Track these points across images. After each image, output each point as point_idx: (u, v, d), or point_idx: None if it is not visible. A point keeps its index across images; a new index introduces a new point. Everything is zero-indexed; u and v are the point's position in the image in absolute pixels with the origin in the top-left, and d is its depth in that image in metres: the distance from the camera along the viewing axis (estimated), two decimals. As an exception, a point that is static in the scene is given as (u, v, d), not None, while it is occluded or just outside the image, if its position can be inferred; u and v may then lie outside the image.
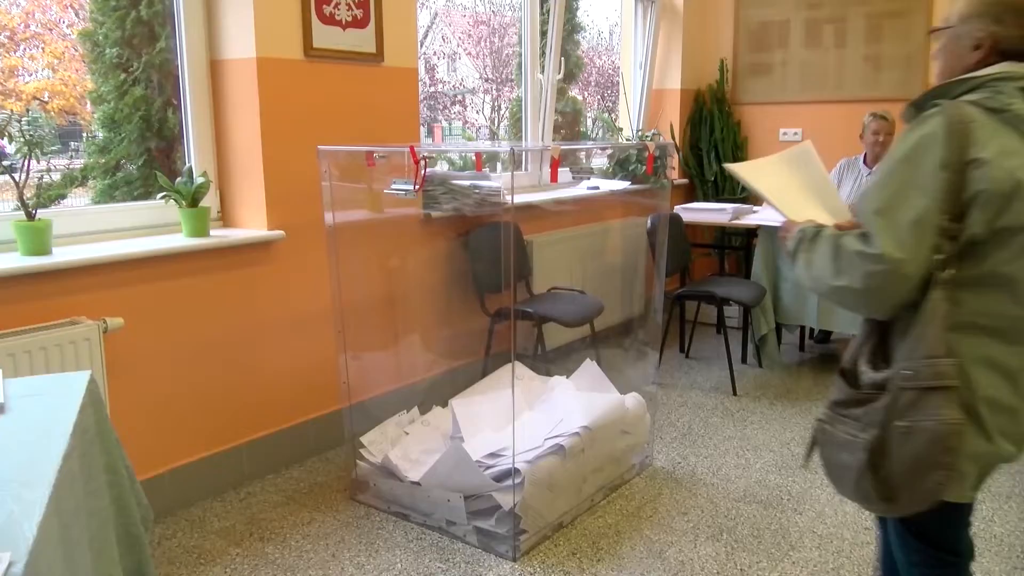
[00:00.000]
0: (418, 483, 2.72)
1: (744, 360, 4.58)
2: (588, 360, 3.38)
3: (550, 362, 4.02)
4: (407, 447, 2.93)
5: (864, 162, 4.54)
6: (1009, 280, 1.37)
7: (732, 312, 4.92)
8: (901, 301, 1.41)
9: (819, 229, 1.51)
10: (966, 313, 1.39)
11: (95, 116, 3.04)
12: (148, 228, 2.91)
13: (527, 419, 2.95)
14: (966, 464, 1.39)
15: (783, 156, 1.76)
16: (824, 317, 4.20)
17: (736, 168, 1.73)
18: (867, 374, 1.47)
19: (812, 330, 4.87)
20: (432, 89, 7.86)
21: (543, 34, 4.64)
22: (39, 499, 1.12)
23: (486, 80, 8.38)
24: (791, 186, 1.69)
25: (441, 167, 4.48)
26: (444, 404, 3.22)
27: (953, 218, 1.34)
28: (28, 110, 2.74)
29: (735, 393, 4.06)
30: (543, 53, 4.64)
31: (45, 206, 2.56)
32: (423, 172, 2.68)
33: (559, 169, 2.50)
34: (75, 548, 1.26)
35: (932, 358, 1.36)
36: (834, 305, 1.44)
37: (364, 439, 2.96)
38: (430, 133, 7.54)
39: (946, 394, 1.35)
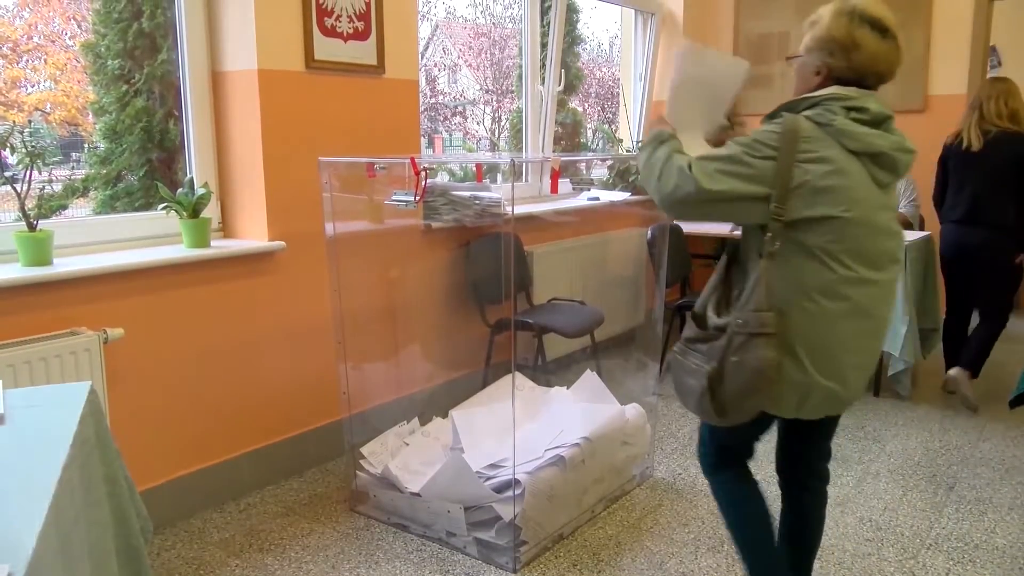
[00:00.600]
0: (418, 494, 2.71)
1: (745, 371, 4.57)
2: (588, 371, 3.38)
3: (550, 373, 4.02)
4: (407, 458, 2.92)
5: None
6: (820, 252, 1.74)
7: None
8: (678, 212, 1.83)
9: (671, 137, 1.87)
10: (790, 276, 1.75)
11: (96, 127, 3.05)
12: (149, 239, 2.91)
13: (527, 430, 2.94)
14: (786, 390, 1.78)
15: (728, 59, 2.06)
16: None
17: (693, 48, 2.02)
18: (712, 319, 1.86)
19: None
20: (433, 100, 7.90)
21: (543, 46, 4.66)
22: (38, 510, 1.12)
23: (486, 92, 8.42)
24: (700, 95, 2.00)
25: (442, 178, 4.49)
26: (444, 415, 3.22)
27: (780, 204, 1.71)
28: (30, 121, 2.75)
29: (736, 404, 4.05)
30: (543, 65, 4.66)
31: (46, 217, 2.57)
32: (423, 183, 2.68)
33: (559, 180, 2.51)
34: (74, 559, 1.25)
35: (758, 311, 1.74)
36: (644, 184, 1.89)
37: (364, 450, 2.96)
38: (431, 144, 7.56)
39: (767, 339, 1.74)
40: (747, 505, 2.03)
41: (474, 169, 4.04)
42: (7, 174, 2.51)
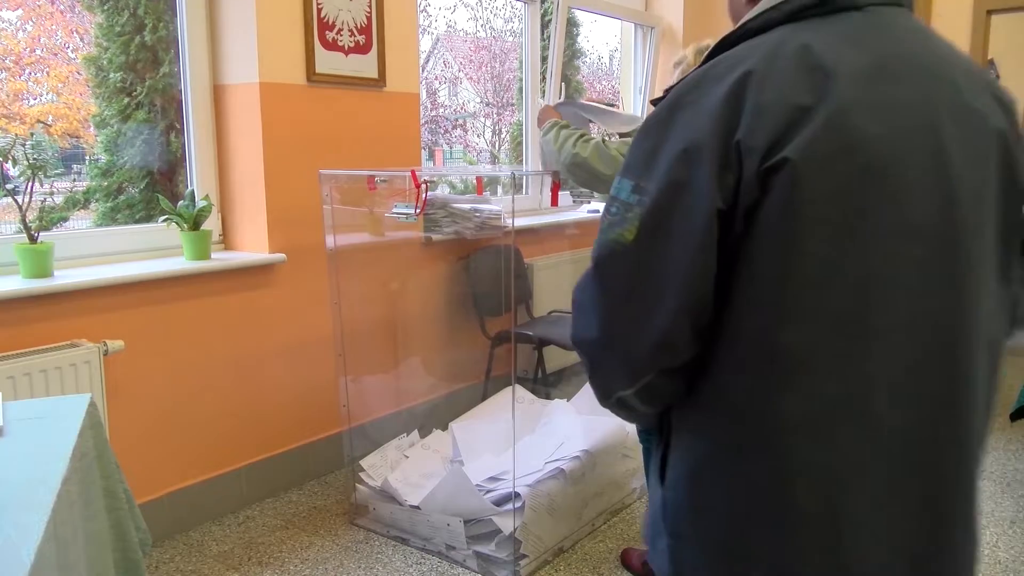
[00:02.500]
0: (418, 507, 2.70)
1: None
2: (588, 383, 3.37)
3: (550, 385, 4.01)
4: (407, 471, 2.92)
5: None
6: None
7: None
8: (580, 175, 2.28)
9: (567, 124, 2.37)
10: None
11: (98, 139, 3.06)
12: (149, 251, 2.92)
13: (527, 443, 2.94)
14: None
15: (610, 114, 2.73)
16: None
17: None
18: None
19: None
20: (433, 113, 7.91)
21: (544, 59, 4.67)
22: (37, 523, 1.11)
23: (487, 104, 8.44)
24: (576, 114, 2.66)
25: (442, 191, 4.50)
26: (444, 427, 3.21)
27: None
28: (32, 133, 2.76)
29: (736, 417, 4.05)
30: (544, 78, 4.68)
31: (47, 229, 2.57)
32: (424, 196, 2.69)
33: (559, 193, 2.55)
34: (72, 573, 1.25)
35: None
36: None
37: (364, 463, 2.95)
38: (431, 157, 7.57)
39: None
40: None
41: (474, 182, 4.05)
42: (9, 186, 2.52)
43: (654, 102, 1.07)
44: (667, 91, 1.05)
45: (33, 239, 2.49)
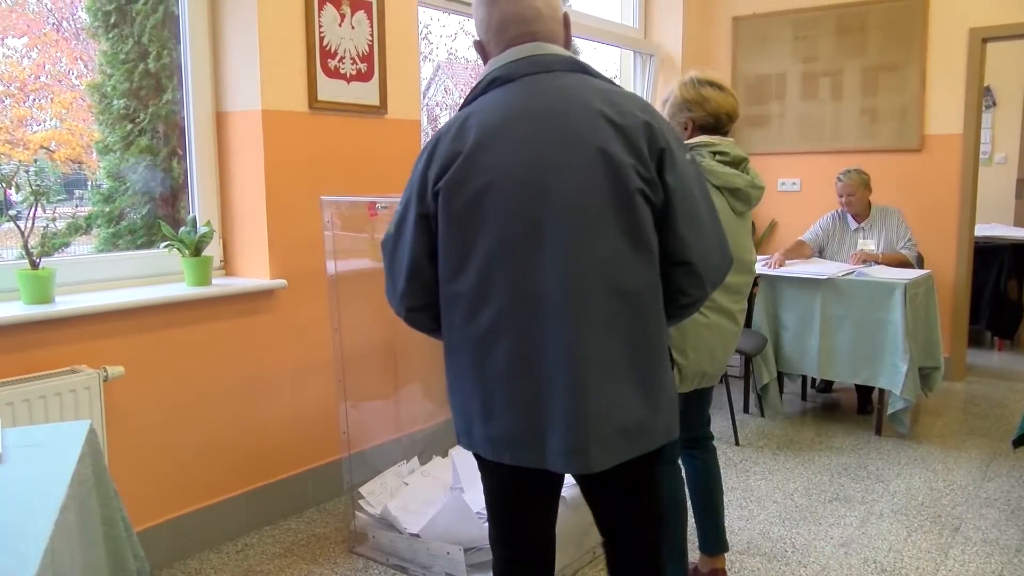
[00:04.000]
0: (417, 535, 2.68)
1: (746, 410, 4.55)
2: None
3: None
4: (407, 498, 2.90)
5: (852, 216, 4.57)
6: None
7: (733, 361, 4.91)
8: None
9: None
10: None
11: (101, 165, 3.08)
12: (150, 277, 2.92)
13: (528, 469, 2.91)
14: (677, 373, 2.23)
15: None
16: (825, 366, 4.18)
17: None
18: None
19: (814, 379, 4.85)
20: (434, 139, 7.95)
21: (544, 86, 4.70)
22: (34, 553, 1.10)
23: (487, 131, 8.48)
24: None
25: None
26: (444, 454, 3.19)
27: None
28: (35, 160, 2.77)
29: (737, 443, 4.03)
30: (544, 105, 4.70)
31: (49, 254, 2.58)
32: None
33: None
34: (70, 602, 1.24)
35: None
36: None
37: (363, 490, 2.93)
38: (432, 182, 7.58)
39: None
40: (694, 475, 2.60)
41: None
42: (11, 212, 2.53)
43: (464, 103, 1.61)
44: (466, 101, 1.61)
45: (35, 265, 2.49)
